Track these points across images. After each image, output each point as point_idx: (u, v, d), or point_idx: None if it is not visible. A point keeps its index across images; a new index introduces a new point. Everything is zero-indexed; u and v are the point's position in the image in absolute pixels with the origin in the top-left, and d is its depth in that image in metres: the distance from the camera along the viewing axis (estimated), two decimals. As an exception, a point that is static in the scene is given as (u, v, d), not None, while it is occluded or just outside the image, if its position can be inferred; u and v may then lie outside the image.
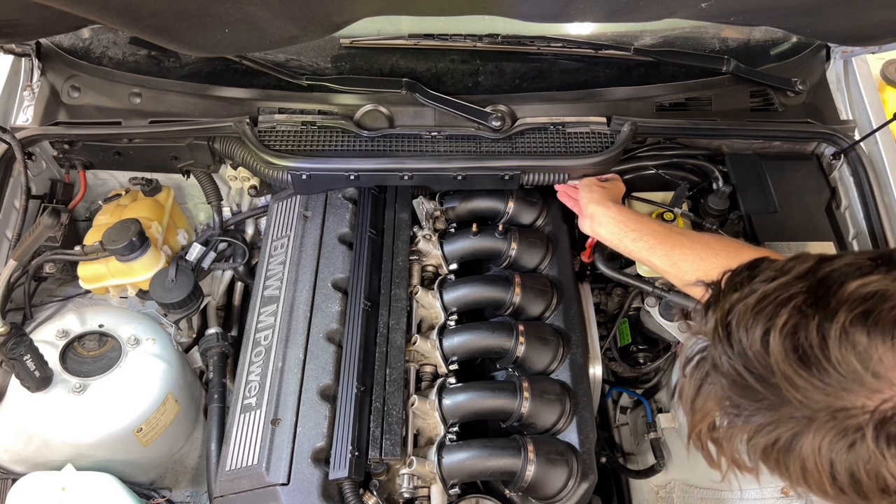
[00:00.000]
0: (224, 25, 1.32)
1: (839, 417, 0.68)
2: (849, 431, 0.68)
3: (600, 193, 1.59)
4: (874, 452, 0.66)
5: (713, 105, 1.83)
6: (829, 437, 0.69)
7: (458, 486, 1.36)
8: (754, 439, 0.75)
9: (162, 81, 1.81)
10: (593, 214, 1.55)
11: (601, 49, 1.83)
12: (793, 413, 0.71)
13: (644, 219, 1.52)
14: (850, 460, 0.68)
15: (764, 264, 0.79)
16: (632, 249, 1.48)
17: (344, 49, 1.86)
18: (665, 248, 1.42)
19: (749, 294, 0.76)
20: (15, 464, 1.61)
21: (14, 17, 1.40)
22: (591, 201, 1.57)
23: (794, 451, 0.72)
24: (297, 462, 1.34)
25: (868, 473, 0.68)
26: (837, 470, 0.69)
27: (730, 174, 1.77)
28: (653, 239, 1.45)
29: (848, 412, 0.68)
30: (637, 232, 1.47)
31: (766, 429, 0.73)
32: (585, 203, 1.58)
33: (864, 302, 0.68)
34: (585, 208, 1.58)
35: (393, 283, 1.61)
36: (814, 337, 0.69)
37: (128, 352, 1.66)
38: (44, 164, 1.90)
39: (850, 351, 0.67)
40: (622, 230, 1.48)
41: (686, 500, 1.90)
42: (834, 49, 1.89)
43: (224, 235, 1.92)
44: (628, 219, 1.50)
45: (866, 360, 0.67)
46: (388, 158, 1.70)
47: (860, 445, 0.67)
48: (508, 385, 1.46)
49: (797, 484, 0.74)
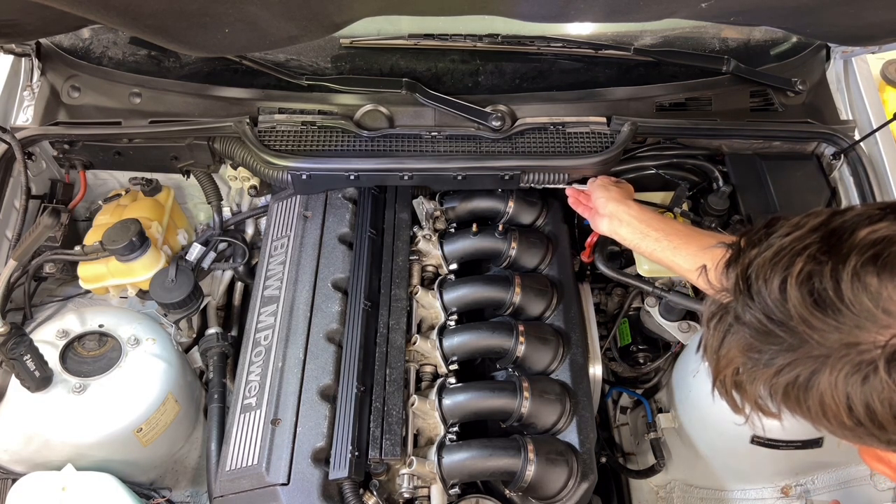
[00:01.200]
0: (224, 25, 1.32)
1: (853, 353, 0.72)
2: (863, 365, 0.72)
3: (618, 192, 1.57)
4: (887, 383, 0.70)
5: (713, 105, 1.83)
6: (844, 372, 0.73)
7: (458, 486, 1.36)
8: (775, 379, 0.78)
9: (162, 81, 1.81)
10: (613, 213, 1.51)
11: (601, 49, 1.83)
12: (810, 352, 0.75)
13: (666, 219, 1.49)
14: (865, 392, 0.72)
15: (780, 222, 0.83)
16: (654, 249, 1.45)
17: (344, 49, 1.86)
18: (691, 248, 1.39)
19: (766, 248, 0.80)
20: (15, 464, 1.61)
21: (14, 17, 1.40)
22: (609, 200, 1.54)
23: (812, 388, 0.76)
24: (297, 462, 1.34)
25: (882, 403, 0.72)
26: (853, 402, 0.73)
27: (730, 174, 1.77)
28: (678, 239, 1.42)
29: (861, 347, 0.72)
30: (661, 231, 1.44)
31: (785, 369, 0.77)
32: (603, 202, 1.54)
33: (874, 247, 0.72)
34: (604, 207, 1.54)
35: (393, 283, 1.61)
36: (828, 281, 0.73)
37: (128, 352, 1.66)
38: (44, 164, 1.90)
39: (862, 292, 0.71)
40: (644, 230, 1.46)
41: (686, 500, 1.90)
42: (834, 49, 1.89)
43: (224, 235, 1.92)
44: (651, 218, 1.47)
45: (877, 299, 0.71)
46: (388, 158, 1.70)
47: (873, 378, 0.71)
48: (508, 385, 1.46)
49: (817, 421, 0.79)
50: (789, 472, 1.78)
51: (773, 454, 1.63)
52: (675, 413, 1.82)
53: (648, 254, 1.47)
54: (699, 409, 1.71)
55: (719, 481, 1.84)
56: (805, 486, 1.77)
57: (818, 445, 1.62)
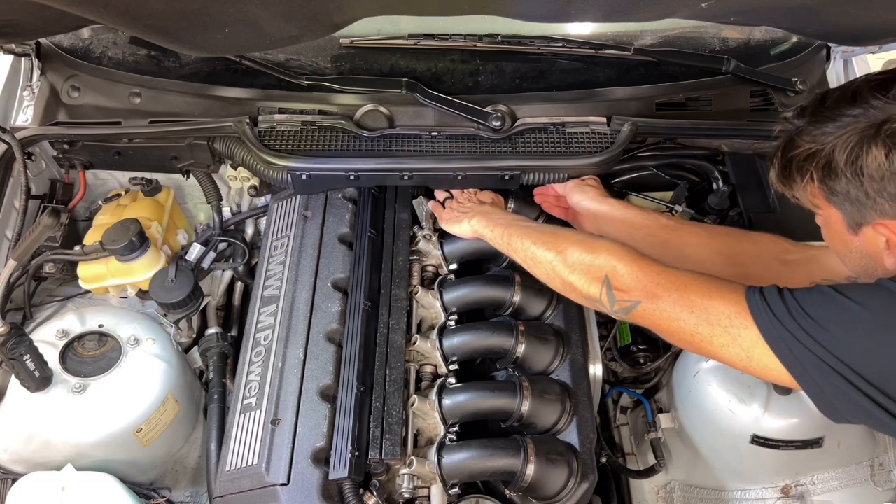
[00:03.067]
0: (224, 25, 1.32)
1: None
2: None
3: (594, 191, 1.62)
4: None
5: (713, 105, 1.83)
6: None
7: (458, 486, 1.36)
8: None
9: (162, 81, 1.81)
10: (598, 213, 1.56)
11: (601, 49, 1.83)
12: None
13: (649, 212, 1.54)
14: None
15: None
16: (643, 246, 1.48)
17: (344, 49, 1.86)
18: (678, 242, 1.45)
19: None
20: (15, 464, 1.61)
21: (14, 17, 1.40)
22: (591, 200, 1.58)
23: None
24: (296, 462, 1.33)
25: None
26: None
27: (730, 174, 1.77)
28: (664, 233, 1.47)
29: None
30: (647, 229, 1.49)
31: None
32: (586, 204, 1.59)
33: None
34: (587, 208, 1.59)
35: (393, 283, 1.61)
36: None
37: (128, 352, 1.66)
38: (44, 164, 1.90)
39: None
40: (632, 227, 1.52)
41: (686, 500, 1.90)
42: (834, 49, 1.89)
43: (224, 235, 1.92)
44: (637, 215, 1.53)
45: None
46: (388, 158, 1.70)
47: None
48: (508, 385, 1.46)
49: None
50: (789, 472, 1.78)
51: (774, 454, 1.63)
52: (675, 413, 1.82)
53: (638, 243, 1.50)
54: (699, 409, 1.71)
55: (719, 481, 1.84)
56: (805, 486, 1.77)
57: (818, 445, 1.62)
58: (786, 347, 1.05)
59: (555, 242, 1.34)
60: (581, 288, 1.28)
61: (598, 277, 1.25)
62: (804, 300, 1.05)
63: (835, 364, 1.00)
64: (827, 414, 1.06)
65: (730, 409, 1.61)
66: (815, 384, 1.04)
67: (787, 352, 1.05)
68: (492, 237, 1.50)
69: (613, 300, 1.23)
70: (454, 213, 1.62)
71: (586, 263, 1.27)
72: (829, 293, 1.04)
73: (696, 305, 1.13)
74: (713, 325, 1.12)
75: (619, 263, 1.23)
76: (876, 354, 1.00)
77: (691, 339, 1.16)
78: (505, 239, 1.46)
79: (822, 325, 1.02)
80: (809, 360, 1.03)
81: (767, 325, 1.06)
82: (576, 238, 1.34)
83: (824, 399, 1.05)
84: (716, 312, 1.11)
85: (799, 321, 1.03)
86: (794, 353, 1.04)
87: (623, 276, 1.22)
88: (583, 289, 1.28)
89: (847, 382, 1.00)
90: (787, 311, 1.05)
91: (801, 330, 1.03)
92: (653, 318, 1.20)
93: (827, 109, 1.06)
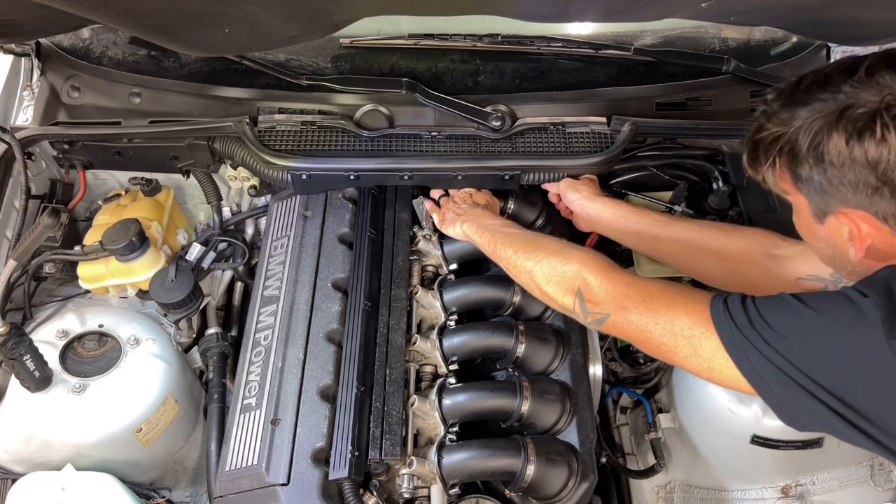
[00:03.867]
0: (224, 25, 1.32)
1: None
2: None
3: (588, 190, 1.63)
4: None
5: (713, 105, 1.83)
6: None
7: (458, 486, 1.36)
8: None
9: (162, 81, 1.81)
10: (591, 211, 1.59)
11: (601, 49, 1.83)
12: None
13: (641, 209, 1.57)
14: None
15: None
16: (636, 242, 1.54)
17: (344, 49, 1.86)
18: (669, 238, 1.47)
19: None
20: (15, 464, 1.61)
21: (14, 17, 1.40)
22: (584, 199, 1.60)
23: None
24: (296, 462, 1.33)
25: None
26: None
27: (730, 174, 1.77)
28: (655, 229, 1.48)
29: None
30: (638, 226, 1.52)
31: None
32: (579, 202, 1.61)
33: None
34: (581, 206, 1.60)
35: (393, 283, 1.60)
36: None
37: (128, 352, 1.66)
38: (44, 164, 1.90)
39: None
40: (623, 223, 1.54)
41: (686, 500, 1.90)
42: (834, 49, 1.89)
43: (224, 235, 1.92)
44: (629, 212, 1.54)
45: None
46: (388, 158, 1.70)
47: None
48: (508, 385, 1.45)
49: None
50: (789, 472, 1.78)
51: (774, 454, 1.63)
52: (675, 413, 1.82)
53: (633, 246, 1.57)
54: (699, 409, 1.71)
55: (719, 481, 1.84)
56: (805, 486, 1.77)
57: (818, 445, 1.62)
58: (745, 357, 1.05)
59: (534, 252, 1.36)
60: (556, 298, 1.31)
61: (571, 289, 1.28)
62: (764, 309, 1.04)
63: (792, 372, 1.00)
64: (787, 423, 1.06)
65: (730, 409, 1.61)
66: (774, 394, 1.04)
67: (745, 361, 1.05)
68: (480, 243, 1.52)
69: (586, 312, 1.26)
70: (449, 215, 1.64)
71: (559, 275, 1.30)
72: (789, 301, 1.03)
73: (661, 317, 1.15)
74: (676, 335, 1.13)
75: (590, 275, 1.25)
76: (832, 361, 0.99)
77: (659, 350, 1.18)
78: (491, 246, 1.48)
79: (781, 333, 1.01)
80: (768, 369, 1.02)
81: (728, 335, 1.06)
82: (552, 248, 1.36)
83: (783, 408, 1.05)
84: (679, 323, 1.12)
85: (759, 330, 1.03)
86: (752, 362, 1.04)
87: (594, 288, 1.24)
88: (557, 299, 1.31)
89: (804, 391, 0.99)
90: (748, 320, 1.04)
91: (760, 339, 1.03)
92: (623, 330, 1.22)
93: (800, 93, 1.05)
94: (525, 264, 1.37)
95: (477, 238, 1.53)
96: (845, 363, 0.98)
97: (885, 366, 0.94)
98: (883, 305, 0.95)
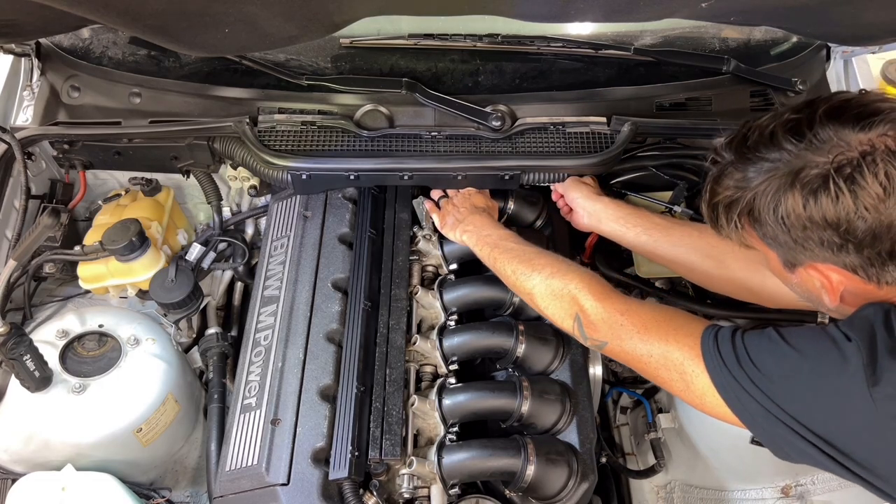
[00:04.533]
0: (224, 25, 1.32)
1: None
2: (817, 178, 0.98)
3: (589, 189, 1.64)
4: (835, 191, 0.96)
5: (713, 105, 1.83)
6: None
7: (458, 486, 1.36)
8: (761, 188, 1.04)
9: (162, 81, 1.81)
10: (592, 211, 1.59)
11: (601, 49, 1.83)
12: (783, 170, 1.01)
13: (642, 210, 1.57)
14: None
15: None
16: (635, 244, 1.54)
17: (344, 49, 1.86)
18: (668, 242, 1.48)
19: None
20: (15, 464, 1.61)
21: (14, 17, 1.40)
22: (584, 198, 1.61)
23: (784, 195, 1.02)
24: (296, 462, 1.33)
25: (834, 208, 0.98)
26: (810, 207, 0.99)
27: (730, 174, 1.77)
28: (655, 232, 1.50)
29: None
30: (639, 228, 1.52)
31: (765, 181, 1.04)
32: (581, 202, 1.62)
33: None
34: (582, 206, 1.60)
35: (393, 283, 1.60)
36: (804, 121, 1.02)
37: (128, 352, 1.66)
38: (44, 164, 1.90)
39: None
40: (624, 224, 1.54)
41: (686, 500, 1.90)
42: (834, 49, 1.89)
43: (224, 235, 1.92)
44: (630, 213, 1.55)
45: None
46: (388, 158, 1.70)
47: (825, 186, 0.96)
48: (508, 385, 1.46)
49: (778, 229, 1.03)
50: (789, 472, 1.78)
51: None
52: (675, 413, 1.82)
53: (631, 246, 1.57)
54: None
55: (719, 481, 1.84)
56: (805, 486, 1.77)
57: (818, 445, 1.61)
58: (734, 396, 1.06)
59: (532, 272, 1.38)
60: (556, 321, 1.34)
61: (569, 314, 1.29)
62: (752, 347, 1.05)
63: (779, 414, 1.01)
64: (780, 458, 1.07)
65: None
66: (765, 432, 1.05)
67: (735, 401, 1.06)
68: (479, 255, 1.53)
69: (585, 337, 1.28)
70: (449, 219, 1.64)
71: (558, 298, 1.32)
72: (776, 340, 1.04)
73: (656, 349, 1.16)
74: (670, 370, 1.14)
75: (587, 301, 1.27)
76: (816, 406, 0.99)
77: (655, 379, 1.20)
78: (491, 260, 1.49)
79: (766, 374, 1.03)
80: (756, 409, 1.03)
81: (717, 373, 1.07)
82: (550, 269, 1.36)
83: (776, 445, 1.06)
84: (672, 358, 1.14)
85: (746, 369, 1.04)
86: (741, 401, 1.05)
87: (590, 314, 1.26)
88: (557, 322, 1.34)
89: (792, 432, 1.01)
90: (736, 359, 1.05)
91: (747, 379, 1.04)
92: (620, 357, 1.24)
93: (748, 150, 1.05)
94: (525, 284, 1.38)
95: (477, 250, 1.54)
96: (829, 408, 0.99)
97: (866, 412, 0.95)
98: (866, 350, 0.96)
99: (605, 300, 1.26)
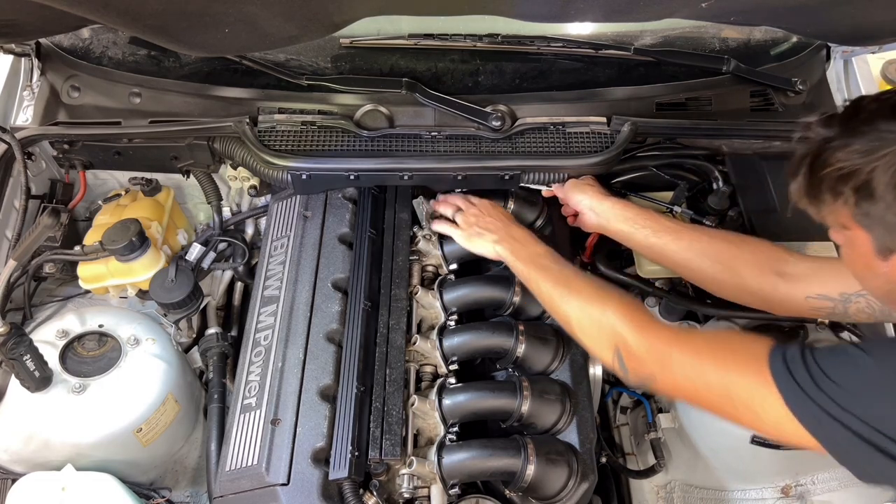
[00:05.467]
0: (224, 25, 1.32)
1: None
2: None
3: (593, 190, 1.63)
4: None
5: (713, 105, 1.83)
6: None
7: (458, 486, 1.36)
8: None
9: (162, 81, 1.81)
10: (600, 212, 1.58)
11: (601, 49, 1.83)
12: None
13: (650, 212, 1.56)
14: None
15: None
16: (644, 245, 1.53)
17: (344, 49, 1.86)
18: (677, 246, 1.47)
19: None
20: (15, 464, 1.61)
21: (14, 17, 1.40)
22: (590, 199, 1.60)
23: None
24: (296, 462, 1.33)
25: None
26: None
27: (730, 174, 1.77)
28: (665, 235, 1.49)
29: None
30: (647, 230, 1.51)
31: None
32: (587, 203, 1.60)
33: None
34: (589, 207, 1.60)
35: (393, 283, 1.60)
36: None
37: (128, 352, 1.66)
38: (44, 164, 1.90)
39: None
40: (633, 227, 1.53)
41: (686, 500, 1.90)
42: (834, 49, 1.89)
43: (224, 235, 1.92)
44: (637, 214, 1.54)
45: None
46: (388, 158, 1.70)
47: None
48: (508, 385, 1.46)
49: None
50: (789, 472, 1.78)
51: (774, 454, 1.63)
52: (675, 413, 1.82)
53: (636, 246, 1.56)
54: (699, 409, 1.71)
55: (719, 481, 1.84)
56: (805, 486, 1.77)
57: (818, 446, 1.61)
58: (816, 422, 0.98)
59: (568, 297, 1.33)
60: (593, 351, 1.29)
61: (608, 346, 1.23)
62: (827, 364, 0.98)
63: (865, 431, 0.93)
64: (870, 483, 1.00)
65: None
66: (851, 457, 0.97)
67: (817, 426, 0.98)
68: (515, 269, 1.50)
69: (626, 370, 1.20)
70: (474, 229, 1.58)
71: (596, 327, 1.25)
72: (853, 354, 0.98)
73: (714, 379, 1.08)
74: (735, 401, 1.06)
75: (629, 332, 1.19)
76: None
77: (718, 412, 1.11)
78: (525, 275, 1.46)
79: (848, 390, 0.95)
80: (840, 432, 0.95)
81: (793, 399, 0.99)
82: (587, 294, 1.30)
83: (861, 470, 0.99)
84: (736, 388, 1.05)
85: (825, 389, 0.96)
86: (824, 426, 0.97)
87: (633, 347, 1.18)
88: (595, 353, 1.28)
89: (876, 450, 0.93)
90: (811, 380, 0.98)
91: (828, 399, 0.96)
92: (674, 392, 1.17)
93: (861, 122, 0.98)
94: (561, 308, 1.34)
95: (514, 264, 1.49)
96: None
97: None
98: None
99: (647, 330, 1.18)
